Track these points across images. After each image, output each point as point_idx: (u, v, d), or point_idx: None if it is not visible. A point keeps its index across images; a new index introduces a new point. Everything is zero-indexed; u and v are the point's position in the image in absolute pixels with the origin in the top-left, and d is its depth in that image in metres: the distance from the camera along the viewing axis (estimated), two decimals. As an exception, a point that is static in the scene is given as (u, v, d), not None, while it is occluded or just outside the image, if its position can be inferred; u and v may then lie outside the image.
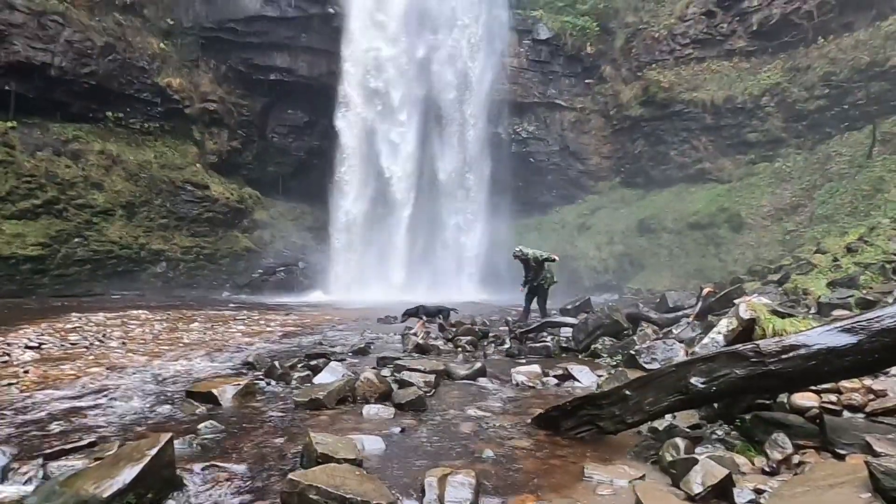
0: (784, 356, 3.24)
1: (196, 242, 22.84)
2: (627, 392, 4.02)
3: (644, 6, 26.58)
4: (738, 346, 3.58)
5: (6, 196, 17.97)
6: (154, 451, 3.16)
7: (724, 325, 4.81)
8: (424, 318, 11.28)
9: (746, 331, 4.66)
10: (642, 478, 3.45)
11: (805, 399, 3.70)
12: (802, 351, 3.22)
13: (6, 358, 7.26)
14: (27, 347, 7.92)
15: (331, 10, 23.86)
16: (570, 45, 27.29)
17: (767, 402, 3.97)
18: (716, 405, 4.07)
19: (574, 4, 28.03)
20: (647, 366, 6.18)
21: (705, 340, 4.95)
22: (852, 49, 20.14)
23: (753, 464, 3.31)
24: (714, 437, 3.79)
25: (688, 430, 4.05)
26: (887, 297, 7.27)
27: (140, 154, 22.09)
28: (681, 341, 6.96)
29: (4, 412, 4.90)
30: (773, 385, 3.44)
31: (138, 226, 21.31)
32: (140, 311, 12.93)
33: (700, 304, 8.11)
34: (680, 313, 8.68)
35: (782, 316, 4.66)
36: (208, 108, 24.05)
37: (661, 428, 4.23)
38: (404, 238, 24.71)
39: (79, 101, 20.63)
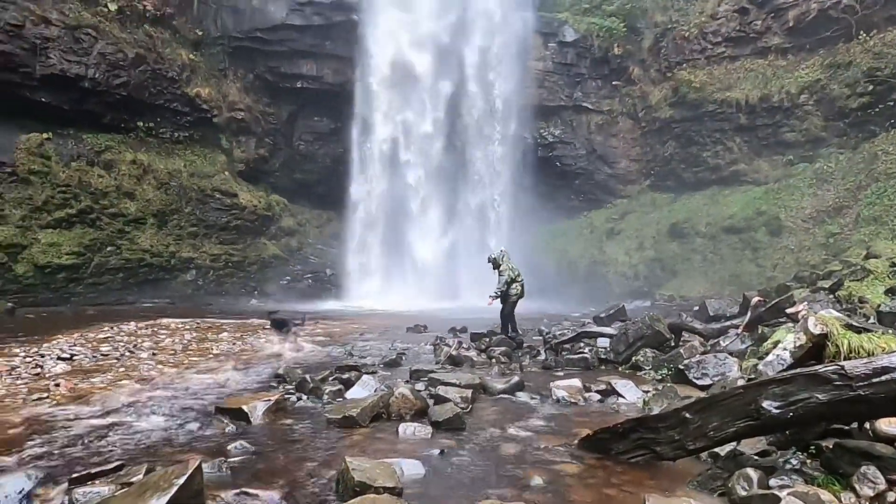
0: (876, 380, 2.89)
1: (224, 250, 22.97)
2: (688, 415, 3.69)
3: (673, 5, 25.94)
4: (817, 367, 3.22)
5: (42, 206, 18.28)
6: (182, 481, 2.96)
7: (791, 340, 4.43)
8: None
9: (816, 347, 4.28)
10: (711, 513, 3.13)
11: (894, 426, 3.33)
12: (898, 374, 2.86)
13: (39, 370, 7.22)
14: (59, 359, 7.89)
15: (354, 17, 23.86)
16: (597, 46, 26.79)
17: (846, 427, 3.60)
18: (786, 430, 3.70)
19: (600, 5, 27.53)
20: (697, 381, 5.81)
21: (769, 358, 4.57)
22: (898, 43, 19.31)
23: (840, 501, 2.95)
24: (788, 466, 3.43)
25: (756, 457, 3.69)
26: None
27: (170, 163, 22.33)
28: (731, 354, 6.55)
29: (34, 430, 4.78)
30: (861, 412, 3.09)
31: (169, 234, 21.50)
32: (170, 320, 12.94)
33: (749, 314, 7.67)
34: (727, 323, 8.24)
35: (858, 331, 4.28)
36: (236, 116, 24.23)
37: (723, 454, 3.89)
38: (430, 245, 24.48)
39: (111, 112, 20.93)
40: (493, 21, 25.58)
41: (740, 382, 4.71)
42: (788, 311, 7.08)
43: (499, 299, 10.32)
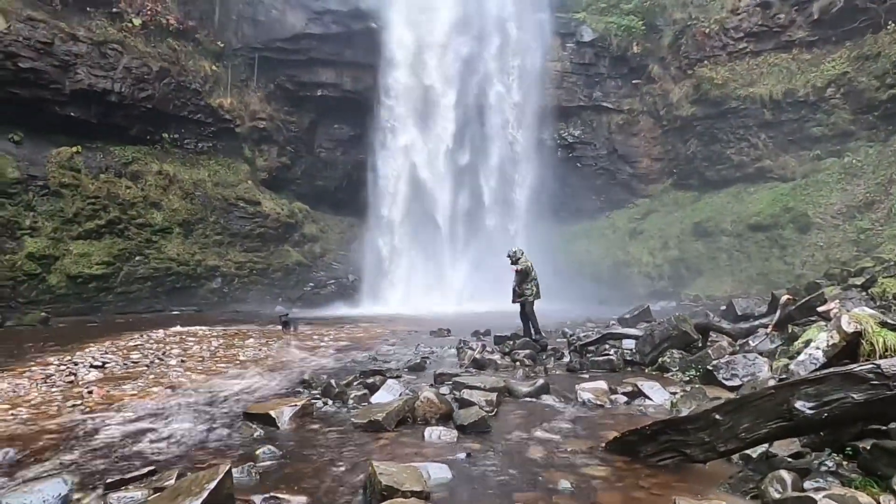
0: (914, 379, 2.81)
1: (249, 258, 23.31)
2: (718, 416, 3.63)
3: (693, 1, 25.63)
4: (852, 366, 3.14)
5: (73, 217, 18.78)
6: (213, 486, 3.01)
7: (824, 339, 4.32)
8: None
9: (850, 346, 4.17)
10: (744, 516, 3.07)
11: (934, 426, 3.23)
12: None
13: (72, 378, 7.40)
14: (92, 367, 8.08)
15: (373, 25, 24.05)
16: (616, 45, 26.61)
17: (884, 427, 3.50)
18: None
19: (618, 4, 27.32)
20: (726, 382, 5.71)
21: (801, 357, 4.47)
22: (928, 33, 18.77)
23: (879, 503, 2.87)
24: (824, 468, 3.35)
25: (790, 459, 3.61)
26: None
27: (195, 173, 22.76)
28: (760, 354, 6.42)
29: (70, 436, 4.90)
30: (898, 412, 2.99)
31: (194, 243, 21.90)
32: (197, 328, 13.15)
33: (778, 312, 7.51)
34: (756, 323, 8.08)
35: (893, 328, 4.15)
36: (258, 125, 24.62)
37: (755, 456, 3.81)
38: (451, 249, 24.49)
39: (137, 125, 21.44)
40: (511, 24, 25.57)
41: (771, 383, 4.62)
42: (819, 309, 6.92)
43: (519, 301, 10.25)
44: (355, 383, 6.71)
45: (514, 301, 10.39)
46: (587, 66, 27.04)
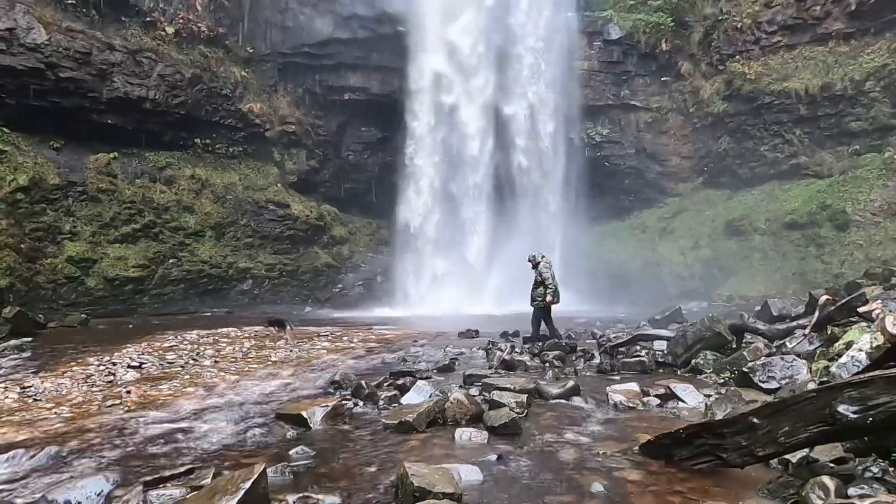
0: (966, 383, 2.70)
1: (279, 260, 23.67)
2: (756, 420, 3.54)
3: (724, -4, 25.14)
4: (899, 369, 3.03)
5: (110, 222, 19.37)
6: (248, 485, 3.06)
7: (867, 340, 4.19)
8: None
9: (895, 348, 4.03)
10: (785, 523, 2.99)
11: None
12: None
13: (111, 378, 7.63)
14: (129, 367, 8.31)
15: (400, 28, 24.18)
16: (644, 43, 26.20)
17: (932, 433, 3.36)
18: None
19: (646, 1, 26.91)
20: (763, 385, 5.56)
21: (843, 359, 4.34)
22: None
23: (929, 512, 2.76)
24: (868, 475, 3.24)
25: (832, 465, 3.50)
26: None
27: (226, 177, 23.23)
28: (798, 356, 6.25)
29: (109, 435, 5.05)
30: (950, 417, 2.88)
31: (226, 245, 22.35)
32: (230, 329, 13.39)
33: (817, 313, 7.29)
34: (793, 324, 7.85)
35: (941, 330, 4.00)
36: (287, 130, 24.98)
37: (795, 461, 3.71)
38: (480, 250, 24.43)
39: (171, 131, 21.99)
40: (538, 24, 25.42)
41: (811, 386, 4.49)
42: (861, 310, 6.71)
43: (538, 305, 10.69)
44: (385, 384, 6.75)
45: (531, 304, 10.91)
46: (615, 64, 26.69)
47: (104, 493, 3.59)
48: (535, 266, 10.79)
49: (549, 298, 10.53)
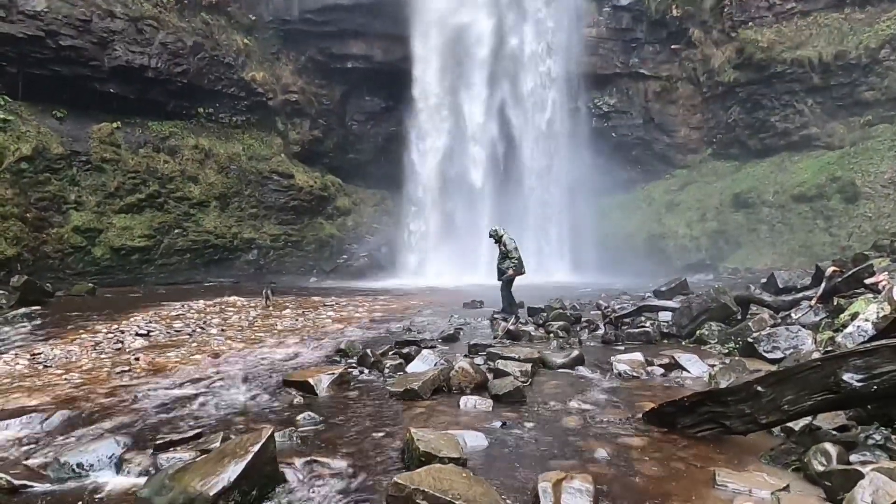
0: (974, 352, 2.69)
1: (283, 230, 23.71)
2: (760, 388, 3.55)
3: (737, -40, 24.43)
4: (906, 338, 3.02)
5: (115, 191, 19.38)
6: (256, 448, 3.10)
7: (874, 311, 4.18)
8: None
9: (902, 318, 4.03)
10: (786, 488, 3.01)
11: None
12: None
13: (120, 345, 7.72)
14: (137, 335, 8.40)
15: (403, -7, 23.73)
16: (654, 9, 25.62)
17: (937, 402, 3.37)
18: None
19: (657, -35, 26.28)
20: (768, 355, 5.57)
21: (849, 329, 4.33)
22: None
23: (931, 478, 2.78)
24: (871, 442, 3.25)
25: (835, 432, 3.52)
26: None
27: (229, 147, 23.12)
28: (804, 327, 6.24)
29: (120, 400, 5.12)
30: (955, 386, 2.88)
31: (231, 216, 22.37)
32: (236, 298, 13.49)
33: (823, 284, 7.27)
34: (798, 296, 7.84)
35: (950, 300, 3.98)
36: (290, 98, 24.76)
37: (798, 429, 3.73)
38: (484, 220, 24.37)
39: (173, 100, 21.81)
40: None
41: (815, 355, 4.49)
42: (868, 281, 6.69)
43: (507, 277, 10.74)
44: (391, 353, 6.80)
45: (498, 279, 10.95)
46: (623, 31, 26.17)
47: (115, 456, 3.65)
48: (499, 240, 10.86)
49: (510, 272, 10.66)
